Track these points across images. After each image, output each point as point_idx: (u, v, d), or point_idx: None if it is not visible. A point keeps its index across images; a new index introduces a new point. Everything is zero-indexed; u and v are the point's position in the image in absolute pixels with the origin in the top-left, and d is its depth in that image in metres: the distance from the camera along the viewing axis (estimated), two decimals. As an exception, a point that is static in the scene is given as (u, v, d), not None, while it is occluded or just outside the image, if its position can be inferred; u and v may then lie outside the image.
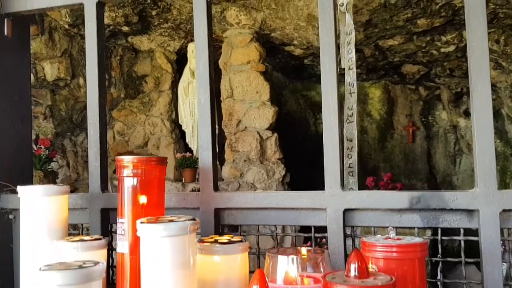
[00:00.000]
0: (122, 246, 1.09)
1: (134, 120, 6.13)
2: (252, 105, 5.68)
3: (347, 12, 1.14)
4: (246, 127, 5.68)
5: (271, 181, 5.62)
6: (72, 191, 4.32)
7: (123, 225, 1.10)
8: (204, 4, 1.26)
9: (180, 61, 6.15)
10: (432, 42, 5.82)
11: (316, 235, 1.25)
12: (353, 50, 1.13)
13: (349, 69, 1.13)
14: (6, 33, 1.47)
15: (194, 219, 0.97)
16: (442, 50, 5.99)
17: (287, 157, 5.86)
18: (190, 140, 5.97)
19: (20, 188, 1.19)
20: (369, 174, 7.52)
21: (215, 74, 6.32)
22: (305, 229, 1.34)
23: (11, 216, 1.46)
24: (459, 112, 7.19)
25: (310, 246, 1.26)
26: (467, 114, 7.14)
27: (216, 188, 1.23)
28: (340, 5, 1.14)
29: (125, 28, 5.54)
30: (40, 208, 1.18)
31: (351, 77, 1.12)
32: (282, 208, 1.18)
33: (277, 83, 7.23)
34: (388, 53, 6.19)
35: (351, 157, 1.14)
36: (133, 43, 5.99)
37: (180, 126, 6.06)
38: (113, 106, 6.07)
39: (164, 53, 6.04)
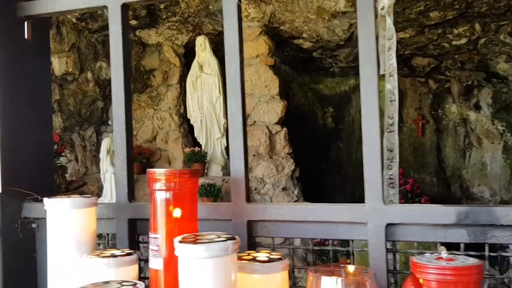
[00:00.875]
0: (156, 262, 1.05)
1: (142, 114, 6.09)
2: (261, 99, 5.62)
3: (388, 15, 1.08)
4: (255, 121, 5.63)
5: (280, 176, 5.58)
6: (81, 186, 4.29)
7: (157, 240, 1.05)
8: (235, 7, 1.21)
9: (188, 54, 6.09)
10: (444, 35, 5.74)
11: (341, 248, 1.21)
12: (394, 55, 1.08)
13: (390, 75, 1.08)
14: (26, 37, 1.42)
15: (234, 238, 0.92)
16: (454, 42, 5.91)
17: (295, 150, 5.81)
18: (199, 134, 5.91)
19: (46, 201, 1.15)
20: (378, 168, 7.47)
21: (222, 68, 6.24)
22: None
23: (34, 225, 1.42)
24: (469, 105, 7.11)
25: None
26: (477, 107, 7.06)
27: (248, 199, 1.19)
28: (380, 8, 1.09)
29: (133, 22, 5.47)
30: (68, 221, 1.14)
31: (392, 84, 1.07)
32: (319, 221, 1.13)
33: (285, 77, 7.16)
34: (398, 46, 6.07)
35: (391, 168, 1.09)
36: (141, 37, 5.93)
37: (189, 120, 6.01)
38: (121, 100, 6.01)
39: (172, 46, 5.98)
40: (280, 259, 1.00)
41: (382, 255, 1.06)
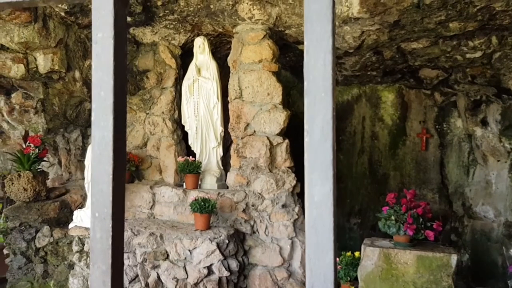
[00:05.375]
0: None
1: (133, 118, 5.65)
2: (263, 108, 5.23)
3: None
4: (255, 131, 5.23)
5: (281, 192, 5.19)
6: (63, 194, 3.79)
7: None
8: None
9: (184, 56, 5.66)
10: (458, 47, 5.41)
11: None
12: None
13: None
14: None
15: None
16: (468, 55, 5.58)
17: (293, 161, 5.39)
18: (193, 142, 5.49)
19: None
20: (379, 183, 7.13)
21: (221, 72, 5.75)
22: None
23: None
24: (476, 121, 6.80)
25: None
26: (484, 123, 6.75)
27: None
28: None
29: (128, 19, 5.02)
30: None
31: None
32: None
33: (285, 83, 6.76)
34: (409, 56, 5.77)
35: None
36: (135, 35, 5.50)
37: (183, 126, 5.58)
38: (110, 102, 5.55)
39: (168, 47, 5.55)
40: None
41: None
